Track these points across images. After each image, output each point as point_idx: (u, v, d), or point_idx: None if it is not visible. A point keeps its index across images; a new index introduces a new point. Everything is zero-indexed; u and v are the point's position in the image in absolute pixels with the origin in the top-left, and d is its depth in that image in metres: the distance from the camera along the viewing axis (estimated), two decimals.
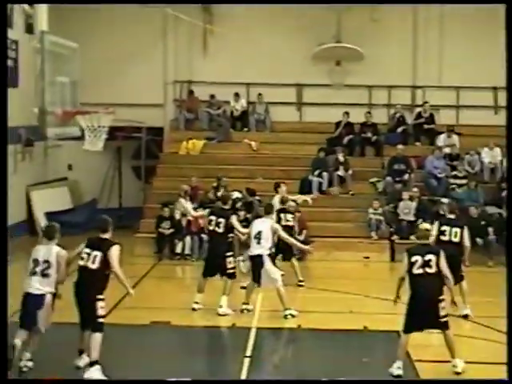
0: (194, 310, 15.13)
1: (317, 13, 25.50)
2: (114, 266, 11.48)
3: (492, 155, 24.35)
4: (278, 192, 19.49)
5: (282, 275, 15.50)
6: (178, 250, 21.41)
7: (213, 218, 15.59)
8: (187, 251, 21.35)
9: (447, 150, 24.64)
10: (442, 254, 11.86)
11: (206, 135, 26.10)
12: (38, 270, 11.51)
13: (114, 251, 11.57)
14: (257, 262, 14.92)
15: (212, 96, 26.37)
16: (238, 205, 21.95)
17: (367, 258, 21.50)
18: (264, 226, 15.16)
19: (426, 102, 26.10)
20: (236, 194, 22.61)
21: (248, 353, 12.43)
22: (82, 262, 11.58)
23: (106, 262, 11.47)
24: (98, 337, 11.35)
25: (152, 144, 27.50)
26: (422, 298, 11.60)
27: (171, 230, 21.61)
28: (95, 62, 24.45)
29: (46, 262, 11.54)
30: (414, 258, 11.80)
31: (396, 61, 26.36)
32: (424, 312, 11.61)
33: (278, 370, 11.87)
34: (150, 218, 22.17)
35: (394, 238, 21.98)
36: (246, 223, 21.39)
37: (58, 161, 26.42)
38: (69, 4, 23.69)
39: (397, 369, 11.53)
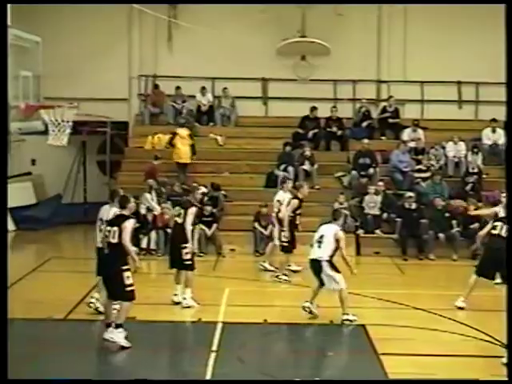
0: (175, 303, 15.08)
1: (281, 7, 25.48)
2: (124, 237, 12.22)
3: (456, 149, 24.50)
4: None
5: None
6: (144, 244, 21.31)
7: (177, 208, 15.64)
8: (152, 246, 21.29)
9: (412, 144, 24.76)
10: None
11: (171, 130, 25.97)
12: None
13: (127, 224, 12.31)
14: (315, 266, 14.58)
15: (177, 88, 26.24)
16: (205, 199, 21.96)
17: None
18: (328, 231, 14.57)
19: (391, 97, 26.21)
20: (202, 189, 22.57)
21: (214, 347, 12.40)
22: (106, 239, 12.41)
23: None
24: (127, 305, 12.32)
25: (117, 138, 27.39)
26: None
27: (136, 225, 21.46)
28: (59, 55, 24.29)
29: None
30: None
31: (361, 55, 26.48)
32: None
33: (244, 365, 11.85)
34: None
35: (360, 232, 22.06)
36: (213, 218, 21.51)
37: (22, 155, 26.20)
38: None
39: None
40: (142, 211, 21.67)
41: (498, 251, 13.64)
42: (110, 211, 13.42)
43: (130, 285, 12.37)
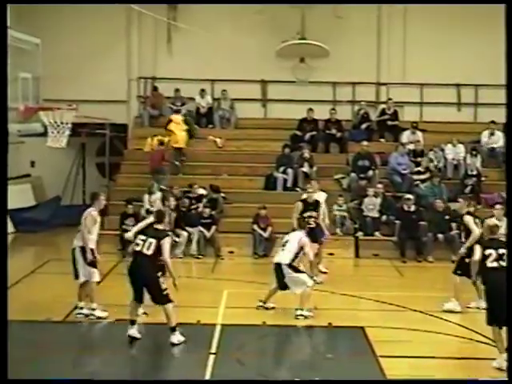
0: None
1: (281, 10, 25.51)
2: (165, 254, 12.67)
3: (455, 152, 24.51)
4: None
5: None
6: None
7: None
8: None
9: (411, 147, 24.77)
10: None
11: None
12: None
13: (167, 241, 12.78)
14: (277, 270, 14.79)
15: (177, 90, 26.26)
16: (204, 201, 21.99)
17: (332, 254, 21.51)
18: (293, 237, 15.08)
19: (390, 99, 26.24)
20: (201, 191, 22.60)
21: (213, 349, 12.40)
22: (138, 248, 12.72)
23: (158, 249, 12.62)
24: (170, 306, 12.72)
25: (116, 141, 27.39)
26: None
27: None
28: (58, 57, 24.28)
29: None
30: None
31: (360, 58, 26.48)
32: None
33: (243, 367, 11.84)
34: (114, 215, 22.00)
35: (359, 234, 22.07)
36: (211, 220, 21.50)
37: (21, 157, 26.21)
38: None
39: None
40: (142, 213, 21.65)
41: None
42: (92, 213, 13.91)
43: (166, 289, 12.78)
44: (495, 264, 11.82)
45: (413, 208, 21.67)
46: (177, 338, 12.77)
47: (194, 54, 26.26)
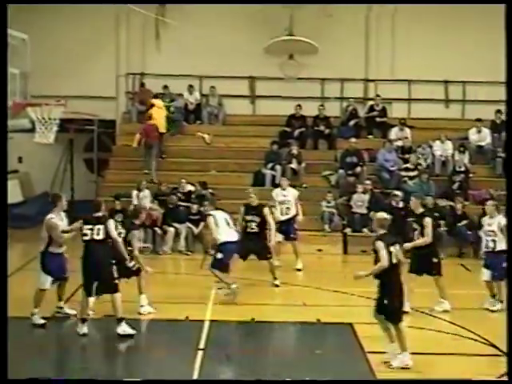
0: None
1: (270, 7, 25.50)
2: (113, 234, 13.18)
3: (443, 148, 24.57)
4: None
5: None
6: None
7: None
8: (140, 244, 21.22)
9: (399, 143, 24.82)
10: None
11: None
12: None
13: (111, 222, 13.32)
14: None
15: (165, 86, 26.22)
16: (192, 198, 21.97)
17: (320, 250, 21.56)
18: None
19: (378, 96, 26.28)
20: (189, 187, 22.58)
21: (201, 346, 12.39)
22: (87, 237, 13.02)
23: (107, 233, 13.06)
24: (118, 296, 12.92)
25: (104, 136, 27.34)
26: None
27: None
28: (46, 53, 24.25)
29: None
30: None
31: (348, 54, 26.51)
32: None
33: (232, 363, 11.85)
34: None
35: (347, 230, 22.10)
36: (199, 216, 21.47)
37: (9, 153, 25.96)
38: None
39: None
40: (131, 208, 21.60)
41: None
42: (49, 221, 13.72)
43: (117, 278, 13.19)
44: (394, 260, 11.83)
45: (401, 204, 21.68)
46: (123, 328, 12.84)
47: (183, 50, 26.23)
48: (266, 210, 17.03)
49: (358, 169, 23.83)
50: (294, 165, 24.08)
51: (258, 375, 11.19)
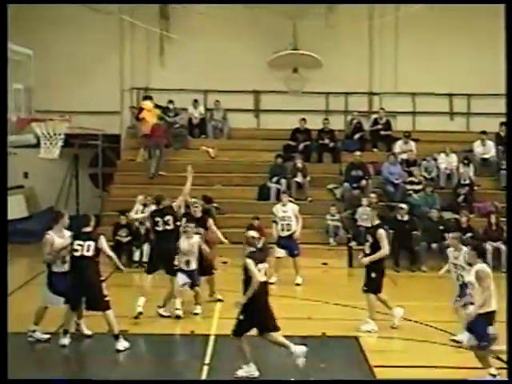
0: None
1: (273, 20, 25.55)
2: (107, 250, 13.22)
3: (448, 161, 24.55)
4: None
5: None
6: (136, 257, 21.29)
7: (158, 218, 15.50)
8: (145, 259, 21.16)
9: (404, 156, 24.80)
10: None
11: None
12: None
13: (103, 239, 13.20)
14: None
15: (170, 101, 26.27)
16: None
17: (325, 264, 21.53)
18: None
19: (383, 109, 26.29)
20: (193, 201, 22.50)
21: (207, 360, 12.37)
22: (77, 253, 12.91)
23: (97, 250, 12.99)
24: (110, 313, 12.92)
25: (109, 151, 27.35)
26: None
27: (129, 238, 21.49)
28: (51, 68, 24.28)
29: None
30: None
31: (353, 67, 26.51)
32: None
33: (237, 377, 11.82)
34: (107, 226, 21.97)
35: (352, 244, 22.05)
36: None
37: (14, 168, 26.04)
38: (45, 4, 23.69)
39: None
40: (136, 223, 21.63)
41: None
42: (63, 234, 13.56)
43: (107, 295, 13.18)
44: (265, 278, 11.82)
45: (406, 217, 21.67)
46: (122, 344, 12.91)
47: (187, 64, 26.27)
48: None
49: (363, 182, 23.82)
50: (298, 178, 24.09)
51: None
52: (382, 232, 14.57)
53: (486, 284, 11.21)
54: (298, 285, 18.87)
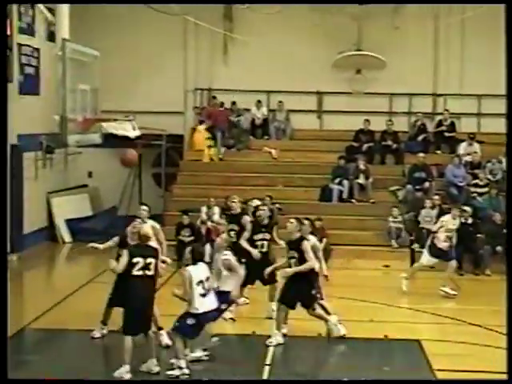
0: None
1: (338, 20, 25.53)
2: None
3: None
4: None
5: None
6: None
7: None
8: (207, 259, 21.27)
9: (468, 158, 24.54)
10: None
11: (225, 143, 26.16)
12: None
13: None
14: None
15: (233, 103, 26.41)
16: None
17: (387, 266, 21.41)
18: None
19: (447, 110, 26.03)
20: (256, 202, 22.53)
21: (268, 361, 12.38)
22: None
23: (156, 268, 11.89)
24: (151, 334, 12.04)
25: (172, 151, 27.54)
26: None
27: (191, 238, 21.59)
28: (116, 69, 24.61)
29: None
30: None
31: (417, 69, 26.31)
32: None
33: (298, 379, 11.81)
34: (170, 226, 22.11)
35: (415, 246, 21.87)
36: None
37: (79, 168, 26.52)
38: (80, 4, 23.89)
39: None
40: (198, 223, 21.75)
41: None
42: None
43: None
44: (141, 272, 11.61)
45: (470, 220, 21.41)
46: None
47: (250, 65, 26.36)
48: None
49: (427, 184, 23.62)
50: (361, 180, 23.99)
51: None
52: (306, 244, 13.80)
53: None
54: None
